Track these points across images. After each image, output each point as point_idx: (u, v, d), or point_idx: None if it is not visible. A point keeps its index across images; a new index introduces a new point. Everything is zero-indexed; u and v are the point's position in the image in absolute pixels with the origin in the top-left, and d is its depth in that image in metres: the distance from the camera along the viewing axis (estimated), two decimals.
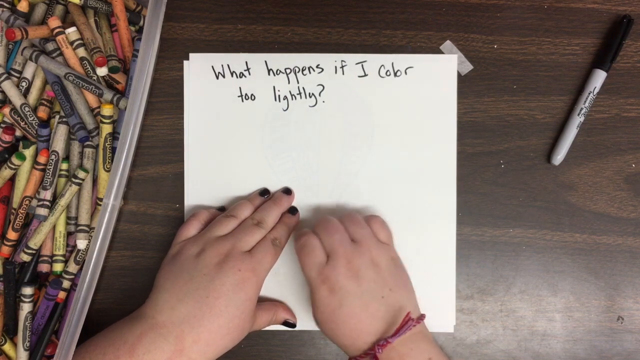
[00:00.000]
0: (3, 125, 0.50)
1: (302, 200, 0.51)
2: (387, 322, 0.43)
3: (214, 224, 0.48)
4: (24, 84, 0.49)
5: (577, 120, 0.51)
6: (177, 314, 0.43)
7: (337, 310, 0.43)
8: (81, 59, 0.48)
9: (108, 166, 0.48)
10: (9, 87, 0.49)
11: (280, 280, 0.51)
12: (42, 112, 0.49)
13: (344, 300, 0.43)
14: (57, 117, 0.49)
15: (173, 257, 0.47)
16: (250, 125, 0.52)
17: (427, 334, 0.45)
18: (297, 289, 0.51)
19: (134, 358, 0.42)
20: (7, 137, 0.49)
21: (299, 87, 0.52)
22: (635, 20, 0.52)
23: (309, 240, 0.46)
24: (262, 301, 0.50)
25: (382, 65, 0.52)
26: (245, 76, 0.52)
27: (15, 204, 0.49)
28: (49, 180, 0.48)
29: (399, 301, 0.44)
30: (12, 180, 0.49)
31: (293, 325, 0.50)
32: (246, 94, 0.52)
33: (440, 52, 0.52)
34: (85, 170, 0.48)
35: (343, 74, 0.52)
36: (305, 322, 0.51)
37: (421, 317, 0.43)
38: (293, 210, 0.51)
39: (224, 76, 0.52)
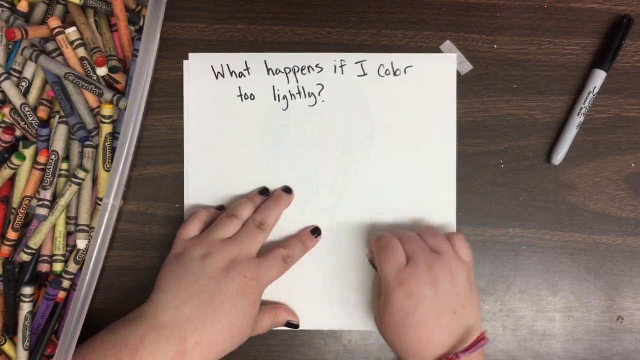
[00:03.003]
0: (3, 125, 0.50)
1: (302, 199, 0.51)
2: (456, 338, 0.42)
3: (217, 225, 0.48)
4: (24, 84, 0.49)
5: (577, 120, 0.51)
6: (181, 315, 0.43)
7: (411, 315, 0.42)
8: (81, 59, 0.48)
9: (108, 166, 0.48)
10: (9, 87, 0.49)
11: (280, 280, 0.51)
12: (42, 112, 0.49)
13: (419, 306, 0.42)
14: (57, 117, 0.49)
15: (176, 258, 0.46)
16: (250, 125, 0.52)
17: (485, 355, 0.44)
18: (297, 289, 0.51)
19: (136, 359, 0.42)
20: (7, 137, 0.49)
21: (298, 87, 0.52)
22: (635, 20, 0.52)
23: (392, 242, 0.45)
24: (262, 305, 0.50)
25: (382, 64, 0.52)
26: (244, 76, 0.52)
27: (15, 204, 0.49)
28: (49, 180, 0.48)
29: (470, 320, 0.43)
30: (12, 180, 0.49)
31: (296, 326, 0.50)
32: (246, 94, 0.52)
33: (440, 52, 0.52)
34: (85, 170, 0.48)
35: (343, 73, 0.52)
36: (305, 322, 0.51)
37: (483, 338, 0.43)
38: (316, 232, 0.51)
39: (223, 76, 0.52)
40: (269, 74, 0.52)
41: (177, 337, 0.43)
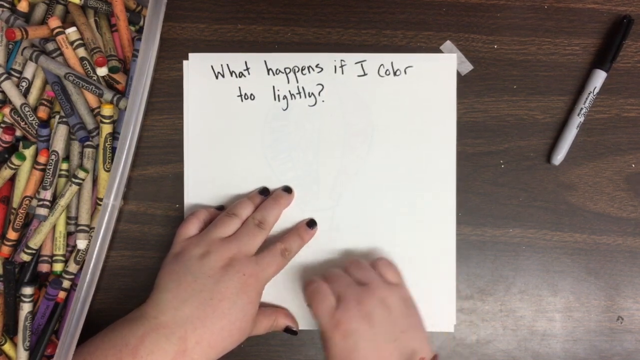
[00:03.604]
0: (3, 125, 0.50)
1: (302, 199, 0.51)
2: None
3: (216, 224, 0.48)
4: (24, 84, 0.49)
5: (577, 120, 0.51)
6: (180, 315, 0.43)
7: (352, 354, 0.42)
8: (81, 59, 0.48)
9: (108, 166, 0.48)
10: (9, 87, 0.49)
11: (280, 280, 0.51)
12: (42, 112, 0.49)
13: (358, 344, 0.42)
14: (57, 117, 0.49)
15: (175, 257, 0.46)
16: (250, 125, 0.52)
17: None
18: (297, 290, 0.51)
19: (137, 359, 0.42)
20: (7, 137, 0.49)
21: (298, 87, 0.52)
22: (635, 20, 0.52)
23: (319, 287, 0.45)
24: (263, 306, 0.50)
25: (382, 64, 0.52)
26: (244, 76, 0.52)
27: (15, 204, 0.49)
28: (49, 180, 0.48)
29: (411, 344, 0.43)
30: (12, 180, 0.49)
31: (295, 332, 0.50)
32: (245, 94, 0.52)
33: (440, 52, 0.52)
34: (85, 170, 0.48)
35: (342, 73, 0.52)
36: (306, 322, 0.51)
37: (434, 358, 0.43)
38: (311, 224, 0.51)
39: (223, 76, 0.52)
40: (268, 73, 0.52)
41: (177, 337, 0.43)
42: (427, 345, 0.44)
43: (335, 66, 0.52)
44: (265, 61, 0.52)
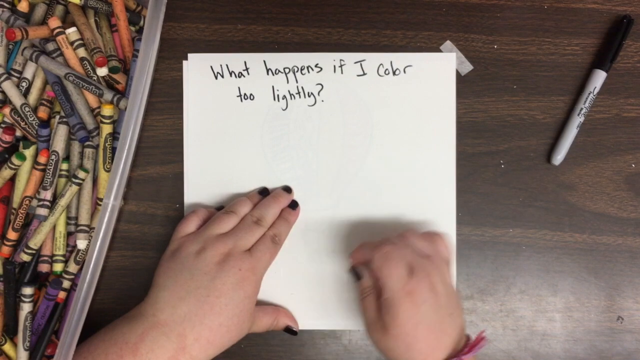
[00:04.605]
0: (3, 126, 0.50)
1: (302, 199, 0.51)
2: (455, 339, 0.43)
3: (214, 221, 0.48)
4: (24, 84, 0.49)
5: (577, 120, 0.51)
6: (179, 313, 0.43)
7: (420, 324, 0.42)
8: (81, 59, 0.48)
9: (108, 166, 0.48)
10: (9, 87, 0.49)
11: (280, 280, 0.51)
12: (42, 112, 0.49)
13: (426, 314, 0.42)
14: (57, 117, 0.49)
15: (172, 254, 0.47)
16: (250, 124, 0.52)
17: (477, 356, 0.44)
18: (297, 290, 0.51)
19: (137, 357, 0.42)
20: (7, 137, 0.49)
21: (297, 87, 0.52)
22: (635, 20, 0.52)
23: (393, 251, 0.44)
24: (265, 305, 0.50)
25: (381, 64, 0.52)
26: (244, 76, 0.52)
27: (15, 204, 0.49)
28: (49, 180, 0.48)
29: (461, 319, 0.44)
30: (12, 180, 0.49)
31: (295, 333, 0.50)
32: (245, 94, 0.52)
33: (440, 52, 0.52)
34: (86, 170, 0.48)
35: (342, 73, 0.52)
36: (305, 322, 0.51)
37: (481, 333, 0.44)
38: (293, 205, 0.51)
39: (222, 76, 0.52)
40: (268, 73, 0.52)
41: (176, 334, 0.43)
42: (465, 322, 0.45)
43: (334, 66, 0.52)
44: (264, 61, 0.52)
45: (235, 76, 0.52)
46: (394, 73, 0.52)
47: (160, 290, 0.45)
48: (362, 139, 0.52)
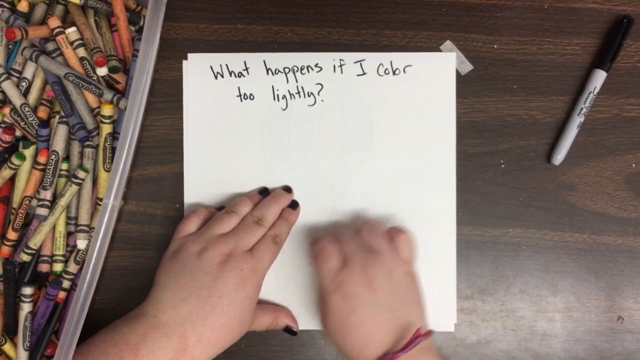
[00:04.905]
0: (3, 125, 0.50)
1: (302, 199, 0.51)
2: (395, 336, 0.42)
3: (215, 221, 0.48)
4: (24, 84, 0.49)
5: (577, 120, 0.51)
6: (180, 313, 0.43)
7: (349, 317, 0.43)
8: (81, 59, 0.48)
9: (108, 166, 0.48)
10: (9, 87, 0.49)
11: (281, 281, 0.51)
12: (42, 112, 0.49)
13: (357, 308, 0.43)
14: (57, 117, 0.49)
15: (174, 254, 0.46)
16: (249, 124, 0.52)
17: (432, 349, 0.44)
18: (298, 289, 0.51)
19: (138, 358, 0.42)
20: (7, 137, 0.49)
21: (297, 86, 0.52)
22: (635, 20, 0.52)
23: (326, 247, 0.45)
24: (266, 304, 0.50)
25: (381, 63, 0.52)
26: (243, 76, 0.52)
27: (15, 204, 0.49)
28: (49, 180, 0.48)
29: (409, 316, 0.43)
30: (12, 180, 0.49)
31: (294, 333, 0.50)
32: (245, 94, 0.52)
33: (441, 52, 0.52)
34: (85, 170, 0.48)
35: (342, 72, 0.52)
36: (306, 322, 0.51)
37: (429, 332, 0.43)
38: (294, 205, 0.51)
39: (222, 76, 0.52)
40: (267, 73, 0.52)
41: (177, 335, 0.43)
42: (425, 321, 0.44)
43: (334, 65, 0.52)
44: (264, 61, 0.52)
45: (235, 76, 0.52)
46: (393, 73, 0.52)
47: (162, 290, 0.45)
48: (362, 139, 0.52)
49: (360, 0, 0.52)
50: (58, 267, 0.49)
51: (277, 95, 0.52)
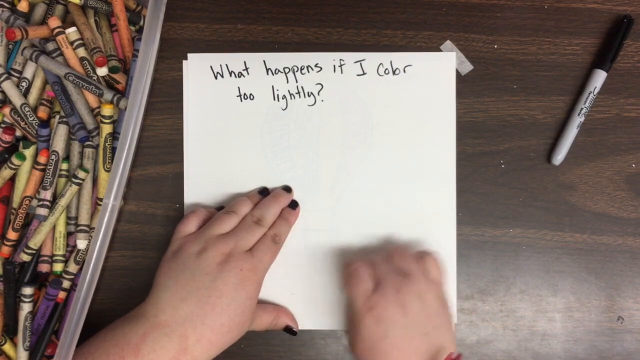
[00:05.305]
0: (3, 125, 0.50)
1: (302, 199, 0.51)
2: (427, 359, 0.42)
3: (214, 221, 0.48)
4: (24, 84, 0.49)
5: (577, 120, 0.51)
6: (180, 313, 0.43)
7: (382, 340, 0.42)
8: (81, 59, 0.48)
9: (108, 166, 0.48)
10: (9, 87, 0.49)
11: (281, 280, 0.51)
12: (42, 112, 0.49)
13: (390, 331, 0.42)
14: (57, 117, 0.49)
15: (174, 254, 0.47)
16: (249, 124, 0.52)
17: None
18: (298, 290, 0.51)
19: (139, 358, 0.42)
20: (7, 137, 0.49)
21: (297, 86, 0.52)
22: (635, 20, 0.52)
23: (359, 269, 0.45)
24: (266, 304, 0.50)
25: (381, 63, 0.52)
26: (243, 76, 0.52)
27: (15, 204, 0.49)
28: (49, 180, 0.48)
29: (440, 340, 0.43)
30: (12, 180, 0.49)
31: (294, 333, 0.50)
32: (245, 94, 0.52)
33: (441, 52, 0.52)
34: (85, 170, 0.48)
35: (342, 72, 0.52)
36: (306, 322, 0.51)
37: (458, 356, 0.42)
38: (294, 205, 0.51)
39: (222, 76, 0.52)
40: (267, 73, 0.52)
41: (178, 335, 0.43)
42: (454, 345, 0.44)
43: (334, 65, 0.52)
44: (264, 61, 0.52)
45: (235, 76, 0.52)
46: (393, 73, 0.52)
47: (161, 290, 0.45)
48: (362, 139, 0.52)
49: (361, 0, 0.52)
50: (58, 267, 0.49)
51: (277, 95, 0.52)
